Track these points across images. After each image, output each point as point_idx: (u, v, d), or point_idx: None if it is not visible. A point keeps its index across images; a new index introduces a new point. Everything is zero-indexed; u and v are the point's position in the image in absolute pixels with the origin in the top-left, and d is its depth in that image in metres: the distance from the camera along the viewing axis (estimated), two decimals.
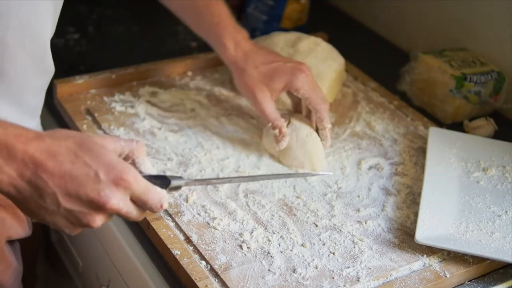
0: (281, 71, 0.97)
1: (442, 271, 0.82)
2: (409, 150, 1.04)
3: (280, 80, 0.97)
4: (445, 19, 1.27)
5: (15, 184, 0.63)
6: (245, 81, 0.98)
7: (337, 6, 1.50)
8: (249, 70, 0.97)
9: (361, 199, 0.93)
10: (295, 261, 0.81)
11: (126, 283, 0.96)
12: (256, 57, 0.98)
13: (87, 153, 0.65)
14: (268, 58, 0.98)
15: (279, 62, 0.98)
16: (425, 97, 1.16)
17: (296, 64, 0.99)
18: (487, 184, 0.97)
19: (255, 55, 0.98)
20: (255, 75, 0.97)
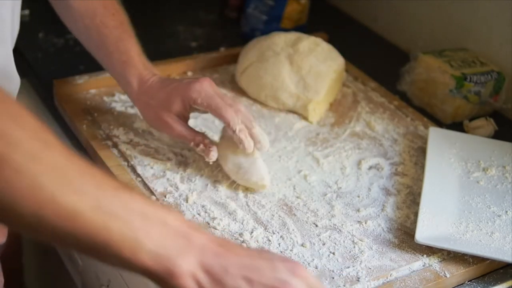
0: (176, 90, 0.92)
1: (442, 271, 0.82)
2: (409, 150, 1.04)
3: (176, 99, 0.91)
4: (445, 19, 1.27)
5: (194, 274, 0.59)
6: (150, 114, 0.94)
7: (337, 6, 1.50)
8: (150, 102, 0.93)
9: (361, 199, 0.93)
10: None
11: (126, 283, 0.96)
12: (155, 87, 0.93)
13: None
14: (165, 83, 0.93)
15: (174, 83, 0.93)
16: (425, 97, 1.16)
17: (193, 79, 0.93)
18: (487, 184, 0.97)
19: (156, 86, 0.93)
20: (155, 104, 0.92)
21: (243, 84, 1.13)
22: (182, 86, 0.92)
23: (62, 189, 0.55)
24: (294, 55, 1.10)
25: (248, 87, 1.12)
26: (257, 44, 1.13)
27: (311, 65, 1.09)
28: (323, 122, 1.09)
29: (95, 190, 0.56)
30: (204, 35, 1.33)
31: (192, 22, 1.38)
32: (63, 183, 0.55)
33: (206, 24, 1.38)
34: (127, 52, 0.95)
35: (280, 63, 1.09)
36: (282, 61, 1.09)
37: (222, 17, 1.40)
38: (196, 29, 1.35)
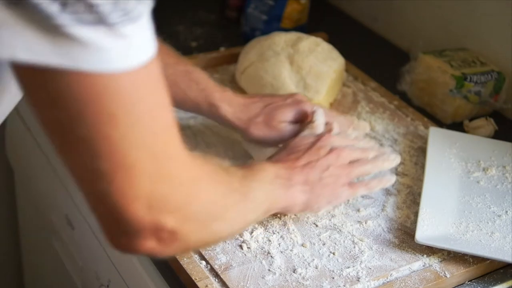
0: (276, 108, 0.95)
1: (442, 271, 0.82)
2: (409, 150, 1.04)
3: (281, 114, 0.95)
4: (445, 19, 1.27)
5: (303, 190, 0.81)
6: (258, 128, 0.95)
7: (337, 6, 1.50)
8: (255, 120, 0.95)
9: (361, 199, 0.93)
10: (295, 261, 0.81)
11: (126, 283, 0.96)
12: (252, 106, 0.96)
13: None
14: (261, 102, 0.96)
15: (270, 103, 0.96)
16: (425, 97, 1.16)
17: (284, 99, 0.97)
18: (487, 184, 0.97)
19: (253, 106, 0.96)
20: (262, 119, 0.95)
21: (243, 84, 1.13)
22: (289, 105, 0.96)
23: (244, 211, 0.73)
24: (294, 55, 1.10)
25: (248, 87, 1.12)
26: (257, 44, 1.13)
27: (311, 65, 1.09)
28: None
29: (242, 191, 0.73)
30: (204, 35, 1.33)
31: (192, 22, 1.37)
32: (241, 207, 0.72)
33: (206, 24, 1.38)
34: (200, 81, 0.96)
35: (280, 63, 1.09)
36: (282, 61, 1.09)
37: (222, 17, 1.40)
38: (196, 29, 1.35)
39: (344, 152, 0.86)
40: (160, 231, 0.58)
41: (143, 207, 0.56)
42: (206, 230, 0.65)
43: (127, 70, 0.51)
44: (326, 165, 0.84)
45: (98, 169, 0.54)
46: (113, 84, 0.51)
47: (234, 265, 0.80)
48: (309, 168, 0.83)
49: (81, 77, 0.50)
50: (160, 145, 0.56)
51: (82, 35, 0.48)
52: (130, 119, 0.53)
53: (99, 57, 0.50)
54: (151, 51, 0.54)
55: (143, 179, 0.55)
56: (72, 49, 0.49)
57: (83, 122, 0.52)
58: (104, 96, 0.51)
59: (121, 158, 0.54)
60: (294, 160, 0.83)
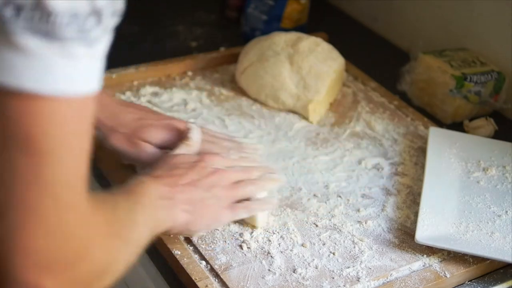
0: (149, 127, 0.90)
1: (442, 271, 0.82)
2: (409, 150, 1.04)
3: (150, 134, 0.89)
4: (445, 19, 1.27)
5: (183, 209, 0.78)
6: (118, 138, 0.89)
7: (337, 6, 1.50)
8: (119, 129, 0.89)
9: (361, 199, 0.93)
10: (295, 261, 0.81)
11: (126, 283, 0.96)
12: (124, 117, 0.90)
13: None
14: (135, 115, 0.90)
15: (146, 120, 0.90)
16: (425, 97, 1.16)
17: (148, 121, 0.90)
18: (487, 184, 0.97)
19: (125, 117, 0.90)
20: (127, 131, 0.89)
21: (243, 84, 1.13)
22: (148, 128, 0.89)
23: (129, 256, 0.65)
24: (294, 55, 1.10)
25: (248, 87, 1.12)
26: (257, 44, 1.13)
27: (311, 65, 1.09)
28: (323, 122, 1.09)
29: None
30: (204, 35, 1.34)
31: (192, 22, 1.38)
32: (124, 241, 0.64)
33: (206, 24, 1.38)
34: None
35: (280, 63, 1.09)
36: (282, 61, 1.09)
37: (222, 17, 1.40)
38: (196, 29, 1.35)
39: (227, 174, 0.83)
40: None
41: (28, 263, 0.49)
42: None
43: (67, 95, 0.47)
44: (210, 185, 0.80)
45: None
46: (48, 109, 0.47)
47: (234, 265, 0.80)
48: (192, 186, 0.79)
49: (18, 94, 0.45)
50: (68, 193, 0.50)
51: (29, 46, 0.45)
52: (51, 154, 0.48)
53: (42, 74, 0.46)
54: (95, 86, 0.49)
55: (38, 226, 0.48)
56: (17, 62, 0.45)
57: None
58: (25, 117, 0.46)
59: (23, 194, 0.47)
60: (177, 177, 0.79)
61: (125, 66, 1.13)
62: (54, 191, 0.49)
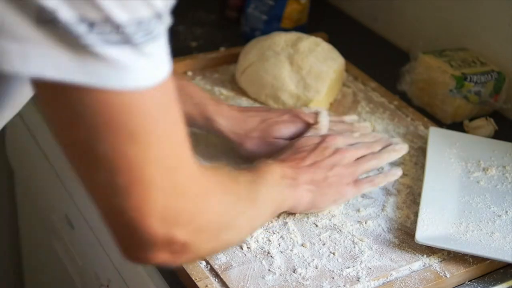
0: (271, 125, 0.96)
1: (442, 271, 0.82)
2: (409, 150, 1.03)
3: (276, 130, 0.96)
4: (445, 19, 1.27)
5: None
6: (253, 143, 0.95)
7: (337, 6, 1.50)
8: (251, 134, 0.95)
9: (361, 199, 0.93)
10: (295, 261, 0.81)
11: (126, 283, 0.96)
12: (249, 121, 0.96)
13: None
14: (258, 116, 0.97)
15: (267, 119, 0.96)
16: (425, 97, 1.16)
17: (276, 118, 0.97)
18: (487, 184, 0.97)
19: (250, 121, 0.96)
20: (258, 135, 0.95)
21: (243, 84, 1.13)
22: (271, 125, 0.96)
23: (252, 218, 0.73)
24: (294, 55, 1.10)
25: (248, 87, 1.12)
26: (257, 44, 1.13)
27: (311, 65, 1.09)
28: None
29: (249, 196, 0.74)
30: (204, 35, 1.34)
31: (192, 22, 1.38)
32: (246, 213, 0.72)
33: (206, 24, 1.38)
34: (193, 94, 0.96)
35: (280, 63, 1.09)
36: (282, 61, 1.09)
37: (222, 17, 1.40)
38: (196, 29, 1.35)
39: (348, 152, 0.88)
40: (172, 244, 0.59)
41: (157, 222, 0.57)
42: (216, 240, 0.66)
43: (149, 87, 0.53)
44: (331, 164, 0.86)
45: (116, 185, 0.55)
46: (135, 102, 0.53)
47: (234, 265, 0.80)
48: (314, 167, 0.84)
49: (106, 95, 0.51)
50: (175, 161, 0.58)
51: (109, 54, 0.50)
52: (149, 136, 0.54)
53: (123, 75, 0.51)
54: (168, 68, 0.55)
55: (157, 194, 0.56)
56: (98, 67, 0.50)
57: (104, 140, 0.53)
58: (125, 113, 0.53)
59: (138, 175, 0.55)
60: (300, 159, 0.85)
61: None
62: (164, 163, 0.56)
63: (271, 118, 0.96)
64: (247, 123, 0.96)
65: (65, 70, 0.50)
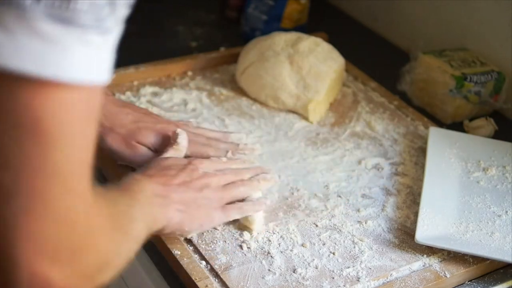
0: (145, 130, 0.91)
1: (442, 271, 0.82)
2: (409, 150, 1.04)
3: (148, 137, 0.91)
4: (445, 19, 1.27)
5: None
6: (116, 139, 0.90)
7: (337, 6, 1.50)
8: (117, 130, 0.90)
9: (361, 199, 0.93)
10: (295, 261, 0.81)
11: (126, 283, 0.96)
12: (123, 118, 0.92)
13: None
14: (132, 118, 0.92)
15: (143, 123, 0.92)
16: (425, 97, 1.16)
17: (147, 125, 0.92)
18: (487, 184, 0.97)
19: (124, 118, 0.92)
20: (124, 133, 0.90)
21: (243, 84, 1.13)
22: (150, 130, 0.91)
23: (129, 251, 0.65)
24: (294, 55, 1.10)
25: (248, 87, 1.12)
26: (257, 44, 1.13)
27: (311, 65, 1.09)
28: (323, 122, 1.09)
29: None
30: (204, 35, 1.34)
31: (192, 22, 1.38)
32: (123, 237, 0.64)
33: (206, 24, 1.38)
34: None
35: (280, 63, 1.09)
36: (282, 61, 1.09)
37: (222, 17, 1.40)
38: (196, 29, 1.35)
39: (216, 177, 0.85)
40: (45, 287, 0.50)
41: (35, 250, 0.48)
42: (92, 283, 0.56)
43: (78, 83, 0.48)
44: (200, 187, 0.82)
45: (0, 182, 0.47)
46: (59, 95, 0.47)
47: (234, 265, 0.80)
48: (184, 187, 0.81)
49: (31, 80, 0.46)
50: (74, 180, 0.50)
51: (50, 32, 0.46)
52: (59, 139, 0.48)
53: (61, 60, 0.46)
54: (106, 76, 0.50)
55: (44, 212, 0.48)
56: (36, 48, 0.45)
57: (5, 123, 0.46)
58: (44, 104, 0.47)
59: (30, 179, 0.47)
60: (170, 177, 0.81)
61: (125, 66, 1.13)
62: (62, 177, 0.49)
63: (144, 122, 0.91)
64: (118, 118, 0.90)
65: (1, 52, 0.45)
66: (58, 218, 0.49)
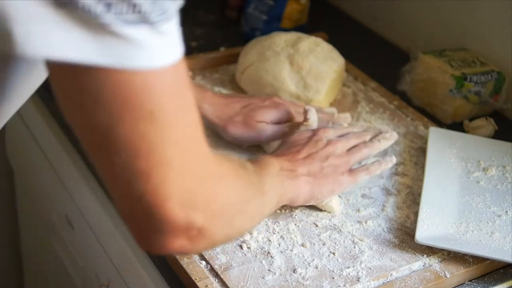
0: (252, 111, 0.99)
1: (442, 271, 0.82)
2: (409, 150, 1.04)
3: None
4: (445, 19, 1.27)
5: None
6: (238, 127, 0.98)
7: (337, 6, 1.50)
8: (235, 119, 0.98)
9: (361, 199, 0.93)
10: (295, 261, 0.82)
11: (126, 283, 0.96)
12: (233, 105, 1.00)
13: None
14: (239, 102, 1.00)
15: (248, 104, 1.00)
16: (425, 97, 1.16)
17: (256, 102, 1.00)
18: (487, 184, 0.97)
19: (233, 106, 1.00)
20: (241, 119, 0.98)
21: (243, 84, 1.13)
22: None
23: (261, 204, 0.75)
24: (294, 55, 1.10)
25: (248, 87, 1.12)
26: (257, 44, 1.13)
27: (311, 65, 1.09)
28: None
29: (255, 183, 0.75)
30: (204, 35, 1.34)
31: (192, 22, 1.38)
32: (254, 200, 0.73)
33: (206, 24, 1.38)
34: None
35: (280, 63, 1.09)
36: (282, 61, 1.09)
37: (222, 17, 1.40)
38: (196, 29, 1.35)
39: (340, 143, 0.89)
40: (190, 229, 0.59)
41: (176, 205, 0.57)
42: (231, 225, 0.67)
43: (164, 67, 0.54)
44: (325, 156, 0.87)
45: (135, 168, 0.55)
46: (152, 81, 0.53)
47: (234, 265, 0.80)
48: (310, 159, 0.86)
49: (124, 75, 0.52)
50: (191, 143, 0.59)
51: (126, 33, 0.51)
52: (167, 116, 0.55)
53: (141, 54, 0.52)
54: (181, 49, 0.56)
55: (176, 177, 0.57)
56: (116, 47, 0.51)
57: (123, 122, 0.53)
58: (143, 93, 0.53)
59: (158, 156, 0.55)
60: (295, 153, 0.87)
61: None
62: (181, 145, 0.57)
63: (253, 104, 0.99)
64: (230, 108, 0.98)
65: (85, 51, 0.50)
66: (186, 177, 0.58)
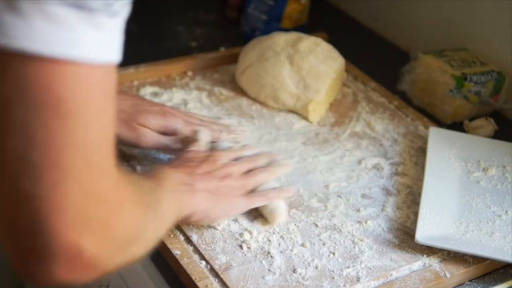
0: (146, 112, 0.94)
1: (442, 271, 0.82)
2: (409, 150, 1.04)
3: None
4: (445, 19, 1.27)
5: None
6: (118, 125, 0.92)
7: (337, 6, 1.50)
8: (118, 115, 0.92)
9: (361, 199, 0.93)
10: (295, 261, 0.82)
11: (126, 283, 0.96)
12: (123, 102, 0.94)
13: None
14: (132, 102, 0.95)
15: (142, 106, 0.95)
16: (425, 97, 1.16)
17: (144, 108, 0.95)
18: (487, 184, 0.97)
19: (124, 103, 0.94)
20: (125, 117, 0.93)
21: (243, 84, 1.13)
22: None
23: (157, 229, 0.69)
24: (294, 55, 1.10)
25: (248, 87, 1.12)
26: (257, 44, 1.13)
27: (311, 65, 1.09)
28: (323, 122, 1.09)
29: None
30: (204, 35, 1.34)
31: (192, 22, 1.38)
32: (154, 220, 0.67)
33: (206, 24, 1.38)
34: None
35: (280, 63, 1.09)
36: (282, 61, 1.09)
37: (222, 17, 1.40)
38: (196, 29, 1.35)
39: (235, 166, 0.87)
40: (77, 255, 0.52)
41: (66, 221, 0.50)
42: (123, 254, 0.60)
43: (94, 63, 0.50)
44: (222, 176, 0.84)
45: (28, 160, 0.49)
46: (77, 74, 0.50)
47: (234, 265, 0.80)
48: (208, 176, 0.83)
49: (50, 60, 0.48)
50: (98, 154, 0.53)
51: (63, 15, 0.48)
52: (80, 116, 0.50)
53: (72, 42, 0.49)
54: (117, 55, 0.52)
55: (72, 186, 0.50)
56: (49, 30, 0.48)
57: (26, 102, 0.48)
58: (60, 82, 0.49)
59: (56, 155, 0.49)
60: (193, 168, 0.83)
61: (125, 66, 1.13)
62: (86, 153, 0.51)
63: (141, 105, 0.94)
64: (117, 104, 0.93)
65: (13, 35, 0.47)
66: (85, 191, 0.51)
